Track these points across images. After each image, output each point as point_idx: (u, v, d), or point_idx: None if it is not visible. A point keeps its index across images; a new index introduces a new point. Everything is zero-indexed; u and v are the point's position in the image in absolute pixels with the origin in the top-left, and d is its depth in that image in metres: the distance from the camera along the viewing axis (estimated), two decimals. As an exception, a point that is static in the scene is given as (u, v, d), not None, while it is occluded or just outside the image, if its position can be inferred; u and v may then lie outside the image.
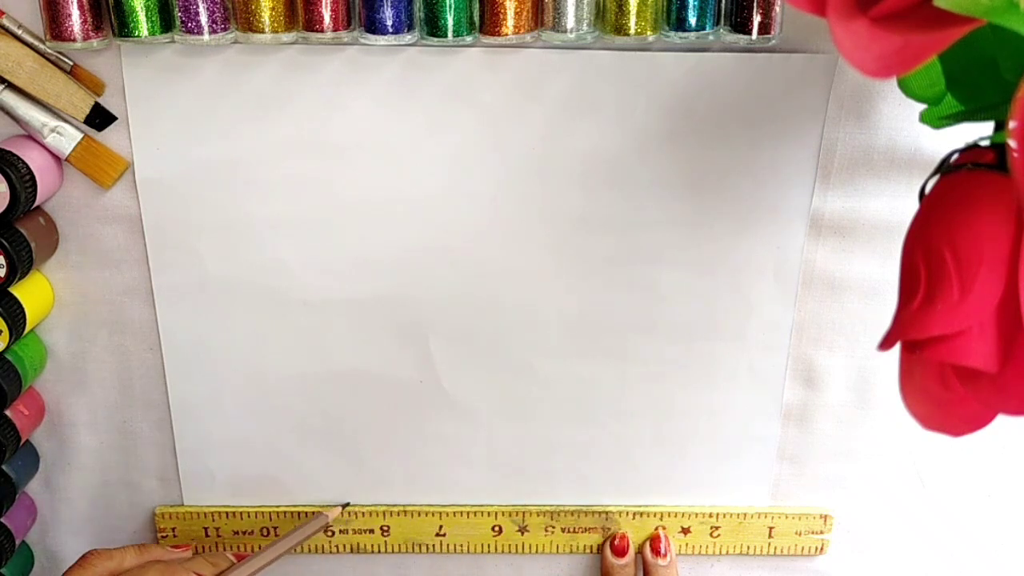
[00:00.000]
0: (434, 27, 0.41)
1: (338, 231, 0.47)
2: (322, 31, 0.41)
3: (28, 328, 0.46)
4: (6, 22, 0.42)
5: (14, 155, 0.42)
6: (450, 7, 0.41)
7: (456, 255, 0.48)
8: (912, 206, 0.32)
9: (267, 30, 0.41)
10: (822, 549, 0.55)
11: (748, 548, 0.55)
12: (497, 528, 0.54)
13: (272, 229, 0.47)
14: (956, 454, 0.53)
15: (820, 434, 0.52)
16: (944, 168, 0.32)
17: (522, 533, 0.55)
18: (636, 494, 0.54)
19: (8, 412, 0.48)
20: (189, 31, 0.41)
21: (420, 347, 0.50)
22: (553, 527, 0.54)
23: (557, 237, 0.47)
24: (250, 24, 0.41)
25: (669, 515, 0.54)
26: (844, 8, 0.27)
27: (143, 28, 0.41)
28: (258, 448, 0.52)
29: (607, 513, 0.54)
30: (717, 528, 0.54)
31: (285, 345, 0.50)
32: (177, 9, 0.41)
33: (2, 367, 0.45)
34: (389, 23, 0.41)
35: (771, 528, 0.54)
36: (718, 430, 0.52)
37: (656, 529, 0.54)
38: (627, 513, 0.54)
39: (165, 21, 0.42)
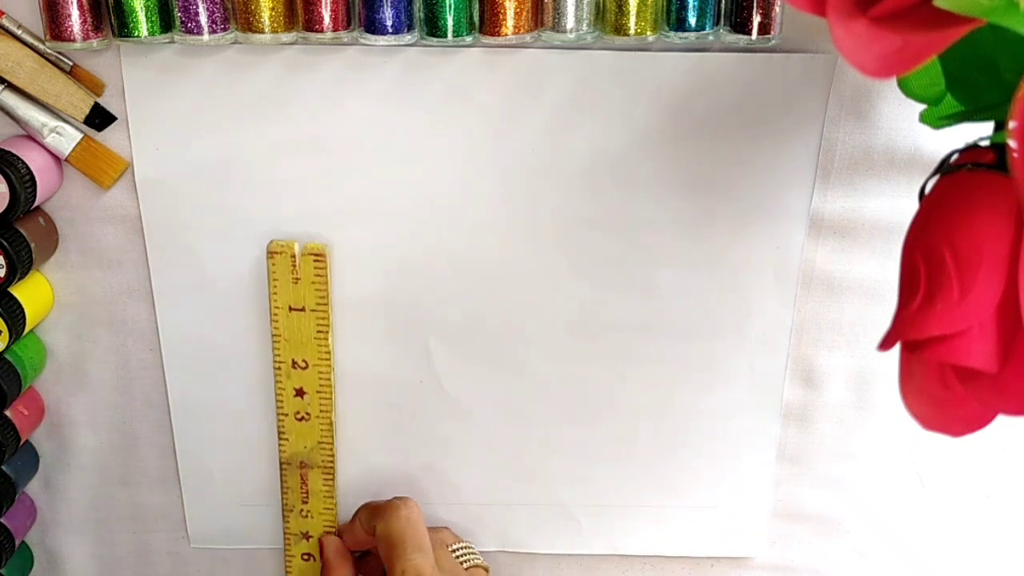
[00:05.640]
0: (434, 27, 0.41)
1: (338, 231, 0.47)
2: (322, 31, 0.41)
3: (28, 328, 0.46)
4: (6, 22, 0.42)
5: (14, 155, 0.42)
6: (450, 7, 0.41)
7: (456, 255, 0.48)
8: (912, 206, 0.32)
9: (267, 30, 0.41)
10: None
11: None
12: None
13: (272, 229, 0.47)
14: (956, 454, 0.52)
15: (820, 434, 0.52)
16: (944, 168, 0.32)
17: (522, 533, 0.55)
18: (636, 494, 0.54)
19: (8, 412, 0.48)
20: (189, 31, 0.41)
21: (420, 347, 0.50)
22: (553, 527, 0.54)
23: (557, 237, 0.47)
24: (250, 24, 0.41)
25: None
26: (844, 8, 0.27)
27: (143, 28, 0.41)
28: (258, 448, 0.52)
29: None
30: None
31: (285, 345, 0.50)
32: (177, 9, 0.41)
33: (2, 367, 0.45)
34: (389, 23, 0.41)
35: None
36: (718, 430, 0.52)
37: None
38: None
39: (165, 21, 0.42)
